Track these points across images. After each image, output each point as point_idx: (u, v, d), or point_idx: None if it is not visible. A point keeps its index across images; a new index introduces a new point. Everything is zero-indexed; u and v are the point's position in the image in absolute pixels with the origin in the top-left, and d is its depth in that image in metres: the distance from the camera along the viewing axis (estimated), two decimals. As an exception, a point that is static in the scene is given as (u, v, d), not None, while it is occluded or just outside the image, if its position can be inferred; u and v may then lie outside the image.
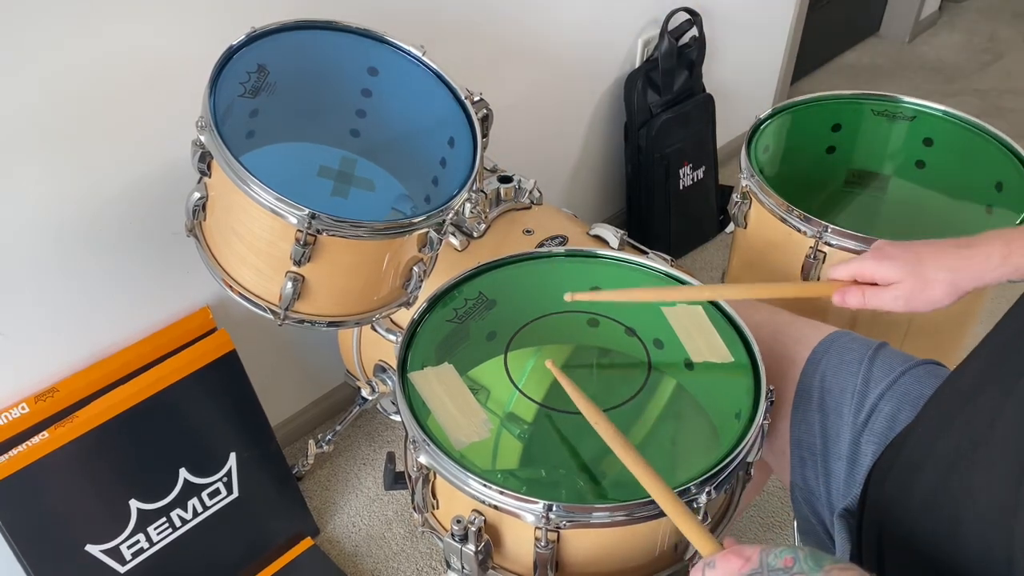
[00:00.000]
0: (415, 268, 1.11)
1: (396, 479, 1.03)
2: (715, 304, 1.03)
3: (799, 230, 1.22)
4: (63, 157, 1.13)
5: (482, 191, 1.35)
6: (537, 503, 0.81)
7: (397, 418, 1.54)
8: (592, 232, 1.36)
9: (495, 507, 0.83)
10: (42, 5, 1.02)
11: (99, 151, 1.16)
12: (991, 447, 0.63)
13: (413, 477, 0.93)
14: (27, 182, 1.11)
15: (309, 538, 1.52)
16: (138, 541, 1.32)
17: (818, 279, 1.24)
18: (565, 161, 1.97)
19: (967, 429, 0.68)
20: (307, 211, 0.96)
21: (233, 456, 1.41)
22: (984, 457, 0.64)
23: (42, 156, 1.11)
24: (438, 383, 0.94)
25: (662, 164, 2.00)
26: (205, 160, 1.02)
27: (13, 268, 1.15)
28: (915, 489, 0.72)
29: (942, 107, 1.38)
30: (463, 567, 0.87)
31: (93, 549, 1.28)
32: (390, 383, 1.42)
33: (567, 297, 0.97)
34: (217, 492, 1.40)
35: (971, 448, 0.66)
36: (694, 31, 1.95)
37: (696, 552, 0.89)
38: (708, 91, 2.06)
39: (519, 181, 1.39)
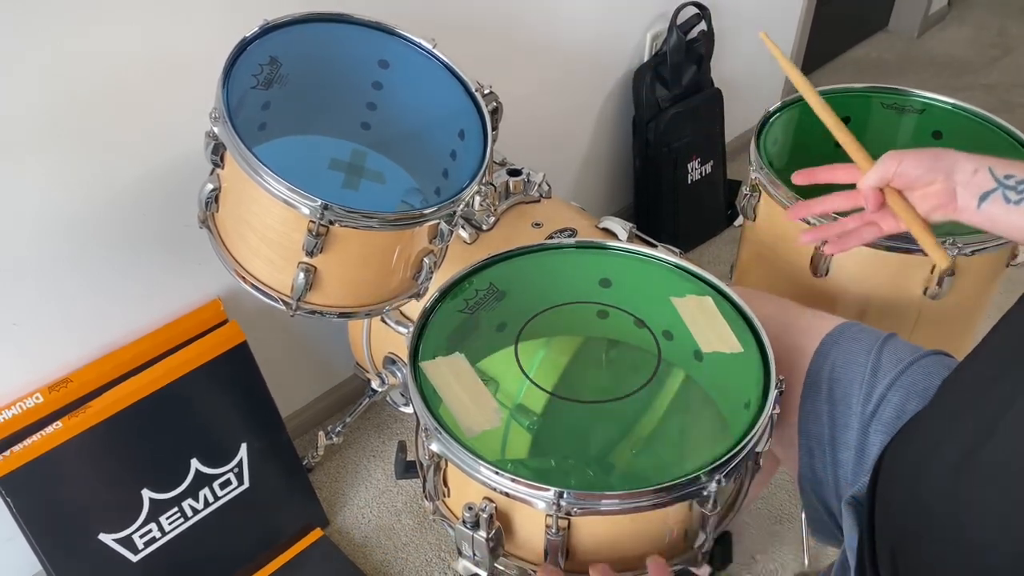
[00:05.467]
0: (425, 260, 1.12)
1: (407, 468, 1.04)
2: (724, 295, 1.04)
3: (809, 223, 1.22)
4: (76, 149, 1.14)
5: (491, 184, 1.36)
6: (548, 490, 0.81)
7: (407, 410, 1.55)
8: (601, 225, 1.36)
9: (506, 494, 0.84)
10: (57, -3, 1.03)
11: (112, 142, 1.17)
12: (1004, 434, 0.64)
13: (424, 465, 0.94)
14: (40, 174, 1.12)
15: (319, 529, 1.53)
16: (150, 530, 1.33)
17: (827, 272, 1.24)
18: (574, 155, 1.98)
19: (982, 414, 0.68)
20: (320, 202, 0.96)
21: (244, 447, 1.42)
22: (999, 443, 0.64)
23: (55, 148, 1.12)
24: (449, 372, 0.95)
25: (670, 158, 2.00)
26: (218, 152, 1.03)
27: (27, 260, 1.16)
28: (929, 475, 0.73)
29: (951, 100, 1.38)
30: (474, 554, 0.88)
31: (106, 538, 1.29)
32: (399, 375, 1.42)
33: (761, 35, 1.01)
34: (228, 483, 1.41)
35: (985, 435, 0.66)
36: (703, 25, 1.95)
37: (705, 540, 0.90)
38: (717, 85, 2.06)
39: (528, 174, 1.40)
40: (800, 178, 0.97)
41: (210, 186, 1.07)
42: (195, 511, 1.38)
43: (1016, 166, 0.81)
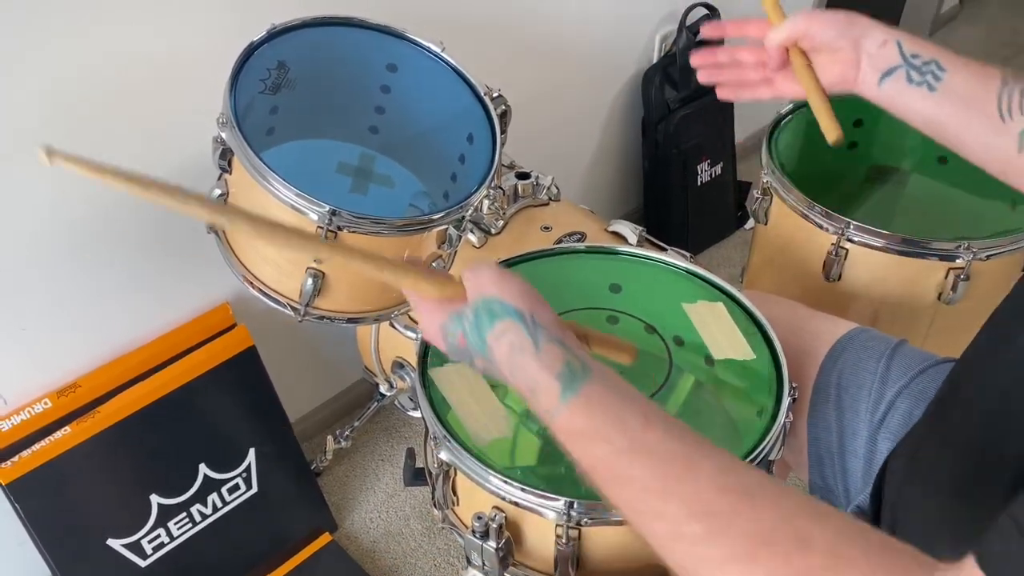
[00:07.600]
0: (434, 264, 1.11)
1: (416, 475, 1.03)
2: (736, 300, 1.02)
3: (820, 226, 1.21)
4: (83, 152, 1.13)
5: (500, 188, 1.35)
6: (558, 500, 0.81)
7: (415, 414, 1.55)
8: (610, 229, 1.36)
9: (516, 504, 0.83)
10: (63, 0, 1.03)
11: (119, 147, 1.17)
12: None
13: (433, 474, 0.93)
14: (46, 178, 1.12)
15: (327, 534, 1.52)
16: (159, 536, 1.33)
17: (839, 277, 1.23)
18: (582, 157, 1.97)
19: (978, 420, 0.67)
20: (327, 208, 0.96)
21: (252, 452, 1.42)
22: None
23: (62, 151, 1.12)
24: (458, 379, 0.94)
25: (680, 160, 1.99)
26: (226, 157, 1.02)
27: (34, 264, 1.16)
28: (930, 481, 0.72)
29: (965, 102, 1.37)
30: (484, 564, 0.87)
31: (114, 543, 1.29)
32: (408, 379, 1.42)
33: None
34: (236, 487, 1.41)
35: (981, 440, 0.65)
36: (712, 26, 1.94)
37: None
38: (726, 87, 2.05)
39: (537, 177, 1.39)
40: (708, 30, 0.96)
41: (218, 191, 1.07)
42: (203, 516, 1.38)
43: (926, 46, 0.80)
